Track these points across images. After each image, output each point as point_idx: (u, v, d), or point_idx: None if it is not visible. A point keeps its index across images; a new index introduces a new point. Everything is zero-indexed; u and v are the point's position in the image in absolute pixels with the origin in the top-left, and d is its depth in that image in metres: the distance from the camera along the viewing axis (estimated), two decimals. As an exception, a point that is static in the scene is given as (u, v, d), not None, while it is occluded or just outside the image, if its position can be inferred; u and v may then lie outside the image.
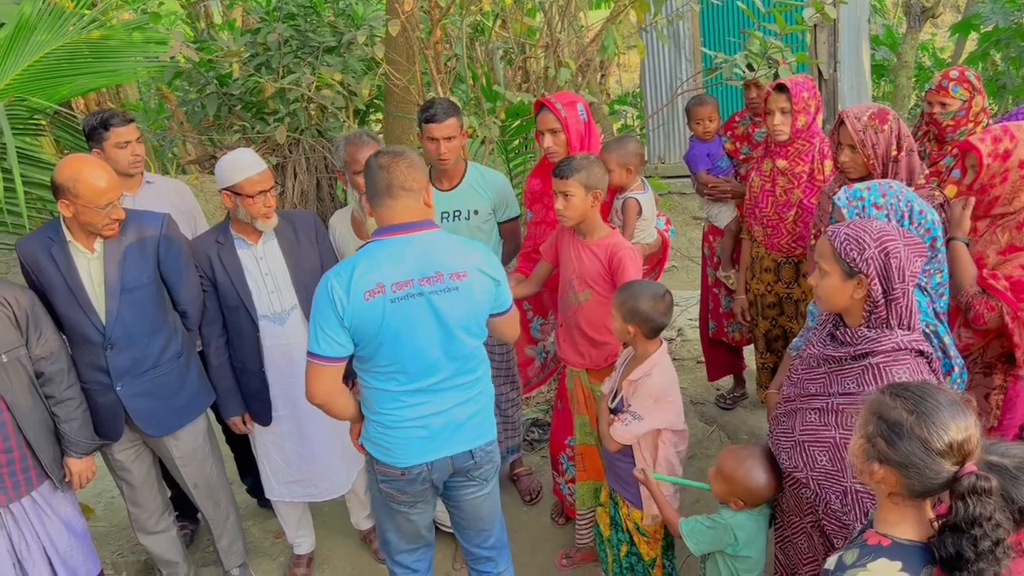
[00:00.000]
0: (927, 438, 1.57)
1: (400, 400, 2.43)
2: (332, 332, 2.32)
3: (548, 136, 3.34)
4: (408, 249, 2.36)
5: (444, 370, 2.44)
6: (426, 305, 2.36)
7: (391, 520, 2.63)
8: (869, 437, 1.65)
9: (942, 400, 1.61)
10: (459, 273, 2.38)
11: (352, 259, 2.37)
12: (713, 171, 4.07)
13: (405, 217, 2.38)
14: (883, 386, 1.72)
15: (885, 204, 2.41)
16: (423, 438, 2.46)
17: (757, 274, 3.71)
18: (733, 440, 4.23)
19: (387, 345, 2.36)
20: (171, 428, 3.12)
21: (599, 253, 3.03)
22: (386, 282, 2.31)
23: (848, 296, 2.17)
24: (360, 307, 2.29)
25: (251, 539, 3.92)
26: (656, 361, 2.73)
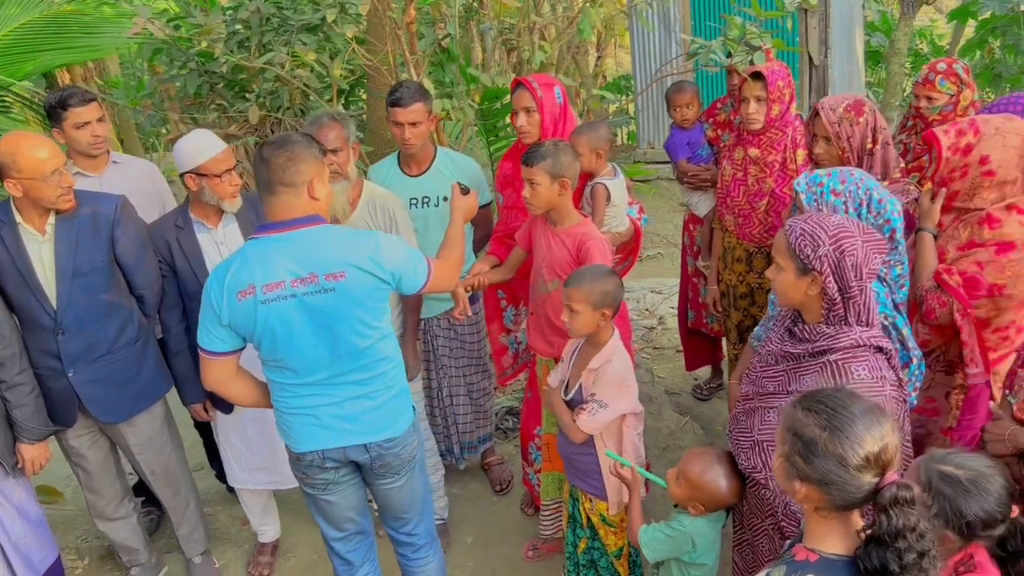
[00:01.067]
0: (842, 455, 1.52)
1: (290, 391, 2.44)
2: (213, 328, 2.33)
3: (522, 115, 3.26)
4: (282, 249, 2.28)
5: (331, 368, 2.39)
6: (299, 307, 2.29)
7: (312, 503, 2.63)
8: (787, 456, 1.59)
9: (855, 411, 1.55)
10: (335, 274, 2.28)
11: (230, 257, 2.35)
12: (694, 159, 3.99)
13: (284, 214, 2.29)
14: (795, 398, 1.65)
15: (844, 191, 2.34)
16: (315, 426, 2.45)
17: (729, 264, 3.64)
18: (707, 431, 4.17)
19: (266, 343, 2.34)
20: (126, 415, 3.06)
21: (568, 242, 2.96)
22: (256, 283, 2.26)
23: (803, 292, 2.11)
24: (234, 307, 2.28)
25: (217, 525, 3.88)
26: (614, 347, 2.68)
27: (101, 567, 3.66)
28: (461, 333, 3.67)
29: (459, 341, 3.67)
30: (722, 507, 2.41)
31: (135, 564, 3.43)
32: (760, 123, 3.30)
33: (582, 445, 2.71)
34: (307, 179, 2.29)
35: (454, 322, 3.60)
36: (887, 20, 8.87)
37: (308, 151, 2.32)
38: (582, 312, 2.60)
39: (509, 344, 3.80)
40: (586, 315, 2.61)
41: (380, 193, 3.26)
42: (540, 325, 3.14)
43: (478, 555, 3.53)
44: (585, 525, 2.87)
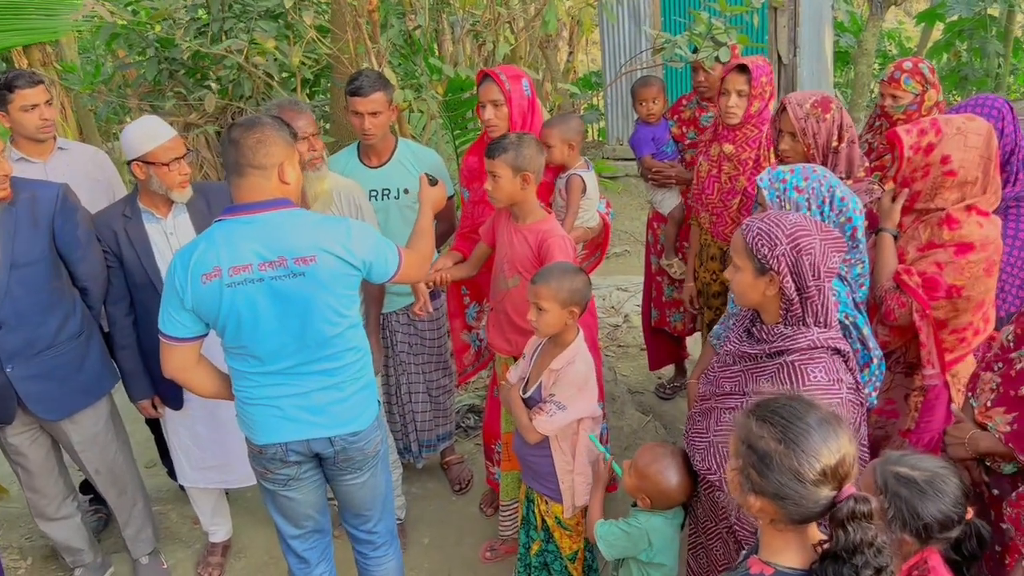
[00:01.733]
0: (798, 468, 1.46)
1: (253, 380, 2.36)
2: (175, 313, 2.27)
3: (489, 108, 3.19)
4: (250, 231, 2.22)
5: (297, 356, 2.33)
6: (267, 291, 2.23)
7: (271, 499, 2.55)
8: (741, 468, 1.54)
9: (811, 422, 1.50)
10: (305, 257, 2.23)
11: (197, 239, 2.28)
12: (658, 156, 3.94)
13: (252, 196, 2.24)
14: (748, 407, 1.60)
15: (807, 188, 2.31)
16: (277, 417, 2.38)
17: (704, 262, 3.59)
18: (670, 431, 4.14)
19: (230, 329, 2.28)
20: (68, 412, 2.96)
21: (530, 238, 2.90)
22: (223, 265, 2.20)
23: (760, 293, 2.07)
24: (198, 290, 2.22)
25: (168, 524, 3.78)
26: (577, 349, 2.62)
27: (45, 567, 3.54)
28: (421, 329, 3.59)
29: (419, 337, 3.60)
30: (670, 504, 2.39)
31: (79, 565, 3.32)
32: (738, 118, 3.26)
33: (537, 446, 2.65)
34: (277, 161, 2.24)
35: (414, 318, 3.53)
36: (856, 21, 8.92)
37: (279, 133, 2.27)
38: (550, 310, 2.54)
39: (471, 342, 3.73)
40: (554, 313, 2.54)
41: (344, 183, 3.19)
42: (500, 322, 3.08)
43: (435, 556, 3.47)
44: (540, 527, 2.81)
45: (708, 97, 3.79)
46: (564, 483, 2.68)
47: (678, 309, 4.13)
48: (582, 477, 2.67)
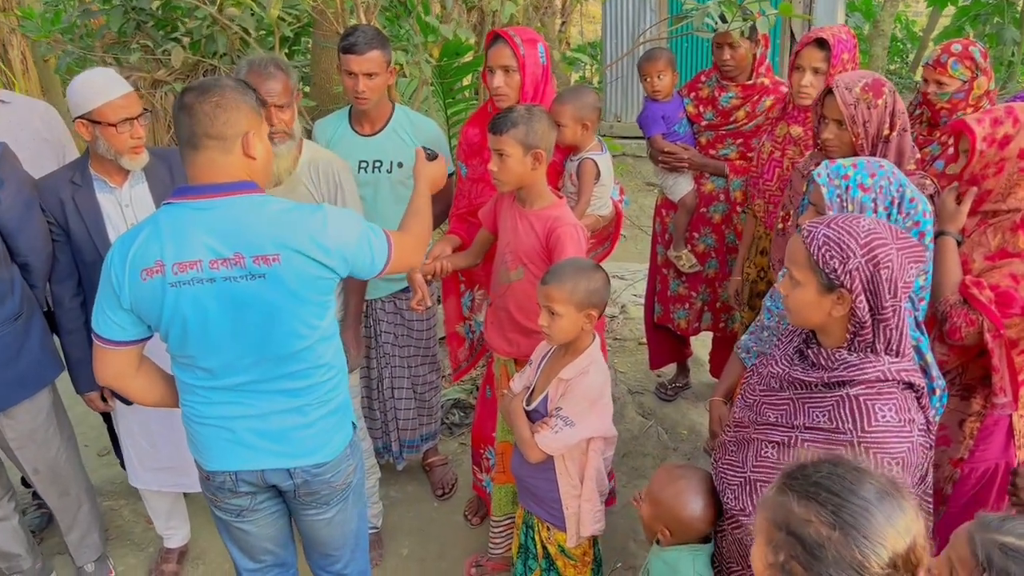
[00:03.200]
0: (861, 561, 1.16)
1: (201, 395, 2.01)
2: (111, 312, 1.91)
3: (499, 74, 2.82)
4: (203, 219, 1.84)
5: (253, 371, 1.95)
6: (218, 293, 1.86)
7: (224, 528, 2.22)
8: (781, 562, 1.22)
9: (869, 496, 1.20)
10: (266, 256, 1.84)
11: (140, 224, 1.91)
12: (669, 136, 3.58)
13: (209, 175, 1.86)
14: (781, 478, 1.29)
15: (873, 187, 1.98)
16: (228, 441, 2.03)
17: (752, 256, 3.27)
18: (671, 435, 3.84)
19: (174, 335, 1.92)
20: (2, 405, 2.58)
21: (537, 226, 2.55)
22: (167, 260, 1.83)
23: (825, 313, 1.75)
24: (137, 287, 1.86)
25: (119, 523, 3.43)
26: (592, 356, 2.30)
27: (-22, 570, 3.18)
28: (408, 319, 3.25)
29: (406, 328, 3.25)
30: (690, 535, 2.08)
31: (16, 571, 2.95)
32: (812, 97, 2.92)
33: (540, 466, 2.33)
34: (240, 131, 1.87)
35: (402, 306, 3.18)
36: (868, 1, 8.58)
37: (243, 98, 1.88)
38: (564, 315, 2.21)
39: (466, 334, 3.38)
40: (569, 318, 2.21)
41: (324, 155, 2.82)
42: (499, 320, 2.74)
43: (413, 569, 3.16)
44: (540, 556, 2.50)
45: (732, 76, 3.44)
46: (569, 509, 2.38)
47: (684, 306, 3.81)
48: (590, 504, 2.36)
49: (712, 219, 3.61)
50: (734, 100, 3.45)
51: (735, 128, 3.47)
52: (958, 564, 1.47)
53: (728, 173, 3.49)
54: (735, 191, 3.50)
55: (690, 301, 3.77)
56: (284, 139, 2.63)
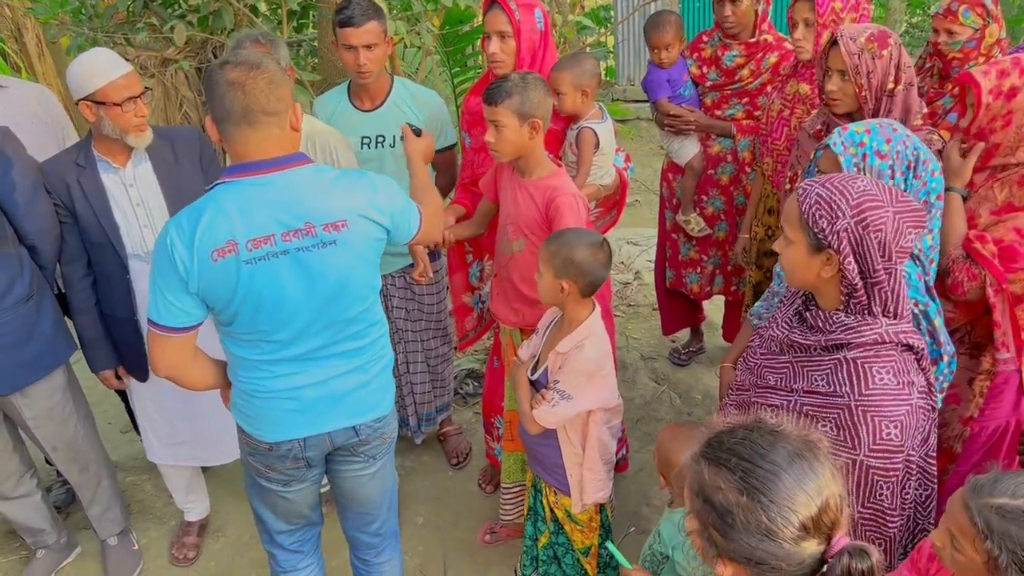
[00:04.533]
0: (769, 525, 1.16)
1: (265, 370, 2.00)
2: (175, 298, 1.85)
3: (495, 40, 2.79)
4: (268, 194, 1.85)
5: (319, 338, 1.99)
6: (294, 265, 1.88)
7: (263, 498, 2.22)
8: (700, 530, 1.23)
9: (778, 459, 1.20)
10: (336, 223, 1.89)
11: (197, 206, 1.85)
12: (675, 99, 3.52)
13: (267, 151, 1.86)
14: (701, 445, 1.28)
15: (890, 152, 1.94)
16: (293, 411, 2.05)
17: (760, 215, 3.23)
18: (685, 400, 3.84)
19: (247, 312, 1.90)
20: (17, 386, 2.63)
21: (536, 196, 2.54)
22: (239, 239, 1.82)
23: (815, 273, 1.73)
24: (208, 269, 1.82)
25: (141, 497, 3.50)
26: (589, 329, 2.28)
27: (7, 544, 3.26)
28: (419, 293, 3.25)
29: (417, 303, 3.26)
30: None
31: (42, 546, 3.04)
32: (808, 52, 2.87)
33: (544, 435, 2.34)
34: (288, 106, 1.89)
35: (411, 282, 3.19)
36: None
37: (283, 72, 1.90)
38: (544, 275, 2.24)
39: (473, 305, 3.38)
40: (546, 280, 2.24)
41: (320, 129, 2.82)
42: (504, 290, 2.74)
43: (429, 537, 3.19)
44: (548, 519, 2.52)
45: (734, 34, 3.37)
46: (573, 477, 2.39)
47: (696, 269, 3.78)
48: (592, 473, 2.36)
49: (720, 181, 3.56)
50: (738, 59, 3.38)
51: (740, 87, 3.41)
52: (958, 534, 1.46)
53: (735, 133, 3.44)
54: (743, 151, 3.45)
55: (701, 265, 3.74)
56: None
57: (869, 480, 1.68)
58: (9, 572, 3.11)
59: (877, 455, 1.66)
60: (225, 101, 1.80)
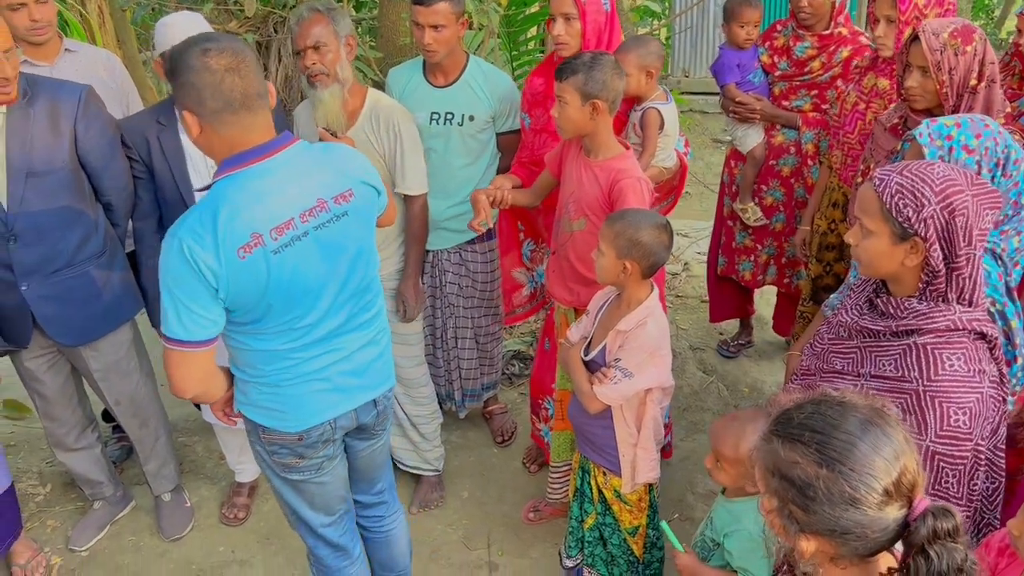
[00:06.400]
0: (852, 494, 1.16)
1: (294, 357, 1.95)
2: (203, 309, 1.74)
3: (560, 22, 2.80)
4: (275, 178, 1.79)
5: (342, 312, 1.98)
6: (315, 244, 1.85)
7: (297, 495, 2.16)
8: (779, 508, 1.23)
9: (851, 428, 1.20)
10: (343, 194, 1.88)
11: (205, 207, 1.73)
12: (743, 85, 3.51)
13: (265, 135, 1.80)
14: (768, 425, 1.28)
15: (979, 148, 1.91)
16: (324, 391, 2.01)
17: (823, 208, 3.20)
18: (732, 392, 3.82)
19: (278, 304, 1.84)
20: (87, 338, 2.72)
21: (601, 177, 2.54)
22: (262, 230, 1.75)
23: (898, 262, 1.71)
24: (236, 269, 1.73)
25: (193, 458, 3.59)
26: (649, 309, 2.29)
27: (65, 495, 3.37)
28: (473, 270, 3.28)
29: (470, 279, 3.28)
30: None
31: (98, 498, 3.14)
32: (889, 49, 2.82)
33: (597, 415, 2.35)
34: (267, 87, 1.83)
35: (467, 257, 3.21)
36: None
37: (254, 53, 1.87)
38: (605, 255, 2.24)
39: (525, 280, 3.40)
40: (607, 259, 2.24)
41: (385, 104, 2.84)
42: (561, 269, 2.75)
43: (473, 512, 3.23)
44: (596, 500, 2.53)
45: (808, 25, 3.34)
46: (625, 456, 2.39)
47: (749, 257, 3.76)
48: (646, 452, 2.37)
49: (781, 172, 3.54)
50: (809, 50, 3.35)
51: (809, 79, 3.38)
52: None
53: (800, 125, 3.41)
54: (807, 144, 3.42)
55: (755, 253, 3.73)
56: (326, 82, 2.66)
57: (935, 467, 1.67)
58: (67, 521, 3.21)
59: (944, 441, 1.65)
60: (223, 88, 1.70)
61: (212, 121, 1.73)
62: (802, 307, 3.37)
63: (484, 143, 3.10)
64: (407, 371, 3.10)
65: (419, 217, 2.92)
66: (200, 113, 1.72)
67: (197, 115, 1.73)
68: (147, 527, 3.17)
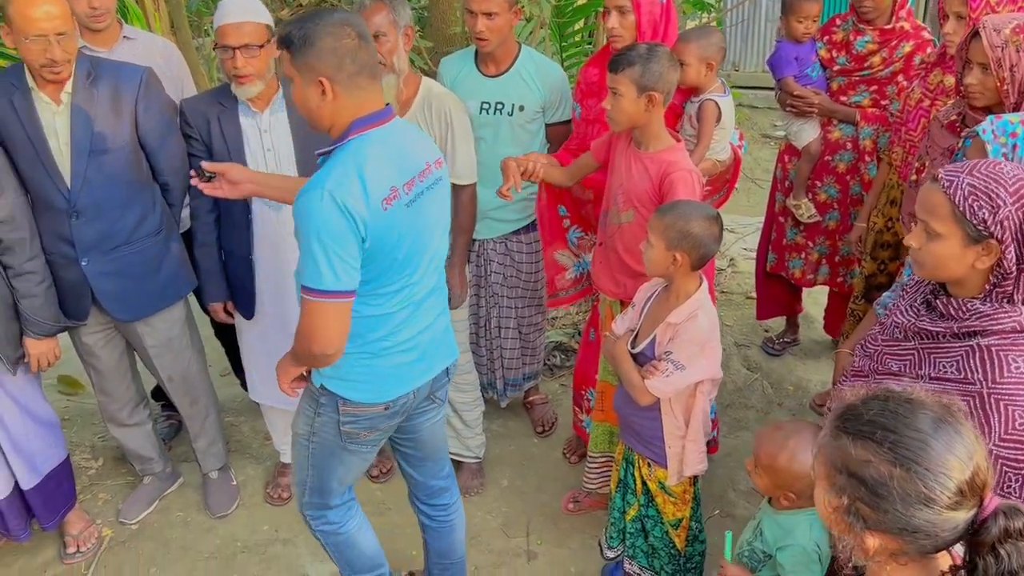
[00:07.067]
0: (927, 494, 1.13)
1: (395, 321, 2.03)
2: (352, 259, 1.83)
3: (614, 15, 2.77)
4: (397, 140, 1.96)
5: (430, 277, 2.10)
6: (427, 204, 2.00)
7: (342, 464, 2.22)
8: (846, 506, 1.20)
9: (924, 426, 1.17)
10: (438, 160, 2.07)
11: (347, 162, 1.84)
12: (800, 79, 3.45)
13: (382, 102, 1.97)
14: (833, 420, 1.25)
15: None
16: (412, 362, 2.11)
17: (880, 205, 3.15)
18: (777, 390, 3.78)
19: (401, 257, 1.95)
20: (143, 313, 2.79)
21: (651, 168, 2.52)
22: (397, 184, 1.90)
23: (968, 265, 1.66)
24: (380, 219, 1.85)
25: (239, 438, 3.65)
26: (699, 301, 2.28)
27: (116, 469, 3.45)
28: (518, 261, 3.28)
29: (515, 269, 3.29)
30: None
31: (148, 473, 3.21)
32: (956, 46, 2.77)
33: (645, 408, 2.34)
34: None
35: (512, 247, 3.22)
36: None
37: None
38: (654, 247, 2.23)
39: (569, 264, 3.36)
40: (656, 251, 2.23)
41: (438, 92, 2.86)
42: (608, 260, 2.74)
43: (513, 501, 3.24)
44: (639, 491, 2.53)
45: (870, 19, 3.27)
46: (672, 448, 2.38)
47: (800, 255, 3.71)
48: (694, 444, 2.36)
49: (837, 168, 3.48)
50: (870, 45, 3.29)
51: (869, 75, 3.32)
52: None
53: (858, 120, 3.35)
54: (864, 140, 3.36)
55: (806, 251, 3.67)
56: (382, 72, 2.67)
57: (997, 471, 1.63)
58: (118, 494, 3.29)
59: (1008, 446, 1.61)
60: (360, 55, 1.86)
61: (348, 85, 1.86)
62: (853, 305, 3.31)
63: (533, 133, 3.10)
64: (451, 358, 3.13)
65: (467, 206, 2.93)
66: (337, 78, 1.85)
67: (333, 80, 1.85)
68: (194, 503, 3.23)
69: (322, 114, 1.91)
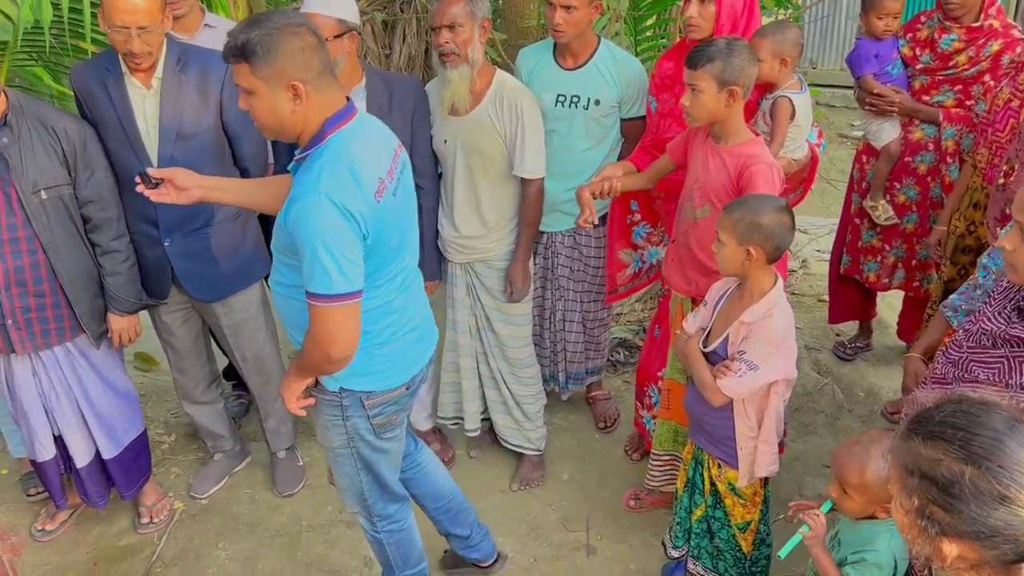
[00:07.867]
0: (1002, 492, 1.09)
1: (392, 308, 2.07)
2: (358, 258, 1.84)
3: (694, 3, 2.72)
4: (367, 132, 1.98)
5: (413, 256, 2.18)
6: (405, 188, 2.08)
7: (386, 454, 2.23)
8: (919, 509, 1.16)
9: (997, 425, 1.13)
10: (399, 146, 2.09)
11: (334, 160, 1.83)
12: (880, 77, 3.35)
13: (343, 97, 1.96)
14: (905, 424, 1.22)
15: None
16: (417, 339, 2.20)
17: (962, 208, 3.05)
18: (847, 396, 3.69)
19: (393, 246, 2.01)
20: (221, 294, 2.87)
21: (729, 163, 2.48)
22: (383, 175, 1.94)
23: None
24: (376, 212, 1.86)
25: (306, 420, 3.68)
26: (775, 299, 2.23)
27: (187, 445, 3.56)
28: (586, 255, 3.26)
29: (582, 263, 3.28)
30: None
31: (219, 450, 3.31)
32: None
33: (717, 408, 2.30)
34: None
35: (580, 241, 3.21)
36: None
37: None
38: (726, 244, 2.19)
39: (631, 261, 3.34)
40: (728, 248, 2.18)
41: (510, 85, 2.86)
42: (680, 256, 2.71)
43: (574, 495, 3.24)
44: (707, 492, 2.50)
45: (956, 16, 3.16)
46: (743, 449, 2.35)
47: (875, 258, 3.61)
48: (767, 446, 2.32)
49: (917, 169, 3.37)
50: (956, 43, 3.18)
51: (954, 74, 3.21)
52: None
53: (941, 121, 3.24)
54: (947, 140, 3.25)
55: (883, 254, 3.57)
56: (456, 63, 2.70)
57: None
58: (189, 469, 3.40)
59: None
60: (321, 54, 1.85)
61: (318, 84, 1.85)
62: (930, 310, 3.22)
63: (608, 128, 3.08)
64: (514, 351, 3.13)
65: (534, 201, 2.93)
66: (308, 79, 1.82)
67: (304, 81, 1.82)
68: (262, 481, 3.31)
69: (294, 120, 1.86)
